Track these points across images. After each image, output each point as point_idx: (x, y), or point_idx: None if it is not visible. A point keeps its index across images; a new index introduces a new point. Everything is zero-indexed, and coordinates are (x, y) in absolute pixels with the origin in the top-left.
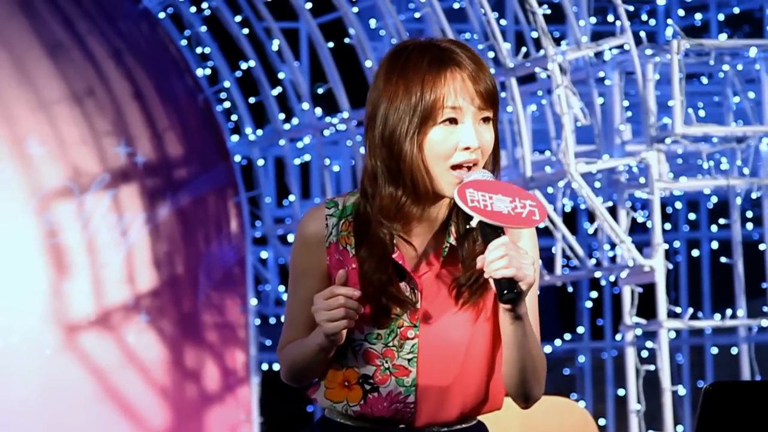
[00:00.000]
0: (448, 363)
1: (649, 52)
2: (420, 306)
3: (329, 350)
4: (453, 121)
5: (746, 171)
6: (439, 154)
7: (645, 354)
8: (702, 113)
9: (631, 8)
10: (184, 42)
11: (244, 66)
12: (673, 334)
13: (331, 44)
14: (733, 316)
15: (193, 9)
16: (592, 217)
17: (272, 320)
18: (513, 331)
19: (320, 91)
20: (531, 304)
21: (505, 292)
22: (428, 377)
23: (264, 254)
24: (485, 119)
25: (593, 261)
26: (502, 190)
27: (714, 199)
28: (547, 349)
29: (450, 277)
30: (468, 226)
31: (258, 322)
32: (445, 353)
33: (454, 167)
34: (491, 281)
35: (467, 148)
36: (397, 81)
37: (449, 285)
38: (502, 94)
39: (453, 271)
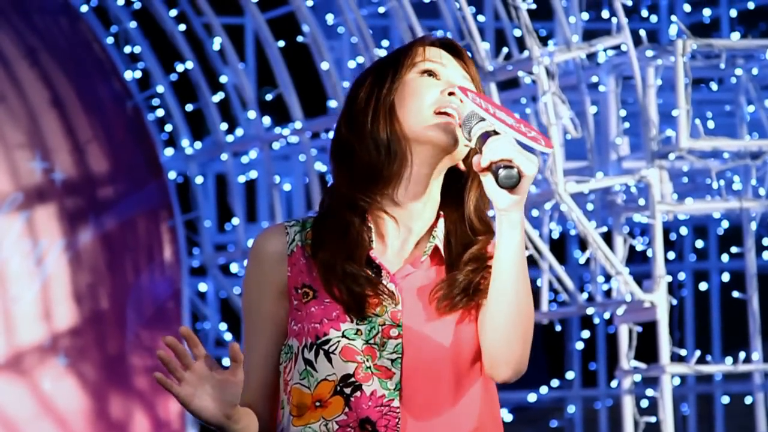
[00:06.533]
0: (435, 368)
1: (650, 53)
2: (401, 308)
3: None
4: (432, 74)
5: (762, 191)
6: (421, 97)
7: (645, 403)
8: (711, 124)
9: (630, 2)
10: (110, 40)
11: (180, 68)
12: (677, 381)
13: (281, 43)
14: (747, 360)
15: (120, 2)
16: (583, 245)
17: None
18: (509, 239)
19: (269, 97)
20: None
21: (502, 171)
22: (413, 381)
23: (203, 287)
24: None
25: (585, 295)
26: (504, 110)
27: (725, 224)
28: (532, 397)
29: (434, 280)
30: (468, 137)
31: None
32: (431, 357)
33: (439, 113)
34: (487, 176)
35: (452, 93)
36: (379, 61)
37: (432, 289)
38: None
39: (437, 273)
